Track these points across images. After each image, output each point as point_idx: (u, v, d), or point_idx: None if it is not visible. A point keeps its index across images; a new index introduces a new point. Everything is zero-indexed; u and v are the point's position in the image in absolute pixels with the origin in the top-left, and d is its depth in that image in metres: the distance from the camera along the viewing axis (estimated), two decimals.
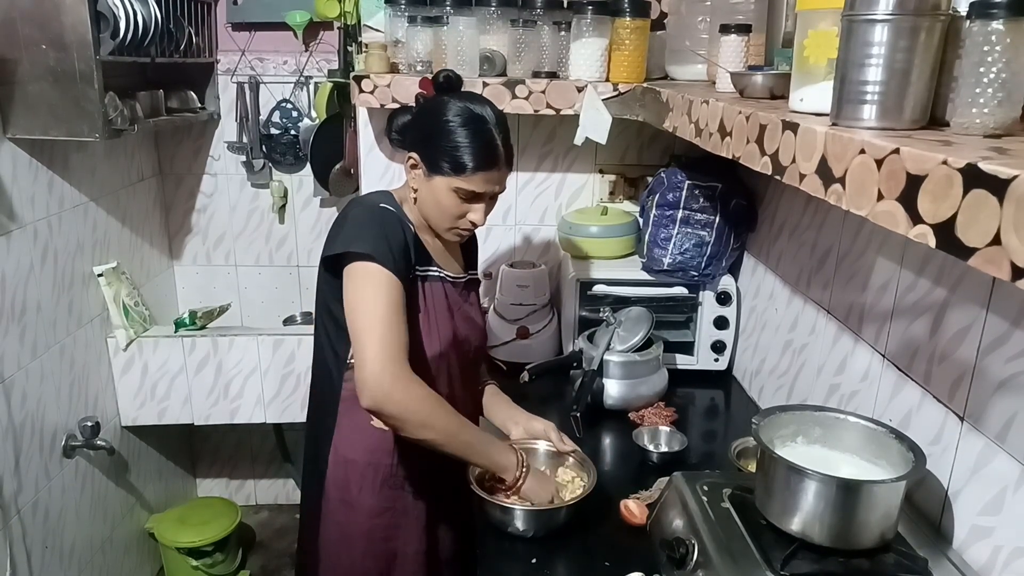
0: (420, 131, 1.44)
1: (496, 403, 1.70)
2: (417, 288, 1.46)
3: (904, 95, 0.87)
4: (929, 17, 0.85)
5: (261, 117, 2.91)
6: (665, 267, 2.04)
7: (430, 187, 1.42)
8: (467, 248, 1.66)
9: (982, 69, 0.78)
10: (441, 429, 1.35)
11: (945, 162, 0.67)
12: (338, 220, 1.45)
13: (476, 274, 1.68)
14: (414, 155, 1.43)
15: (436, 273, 1.50)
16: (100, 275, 2.45)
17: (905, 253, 1.33)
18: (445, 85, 1.46)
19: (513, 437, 1.60)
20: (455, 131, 1.37)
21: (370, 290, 1.33)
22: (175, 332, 2.59)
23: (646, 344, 1.92)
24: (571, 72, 1.94)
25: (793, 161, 0.98)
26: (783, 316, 1.85)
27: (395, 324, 1.33)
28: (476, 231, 1.58)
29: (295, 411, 2.67)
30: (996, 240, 0.60)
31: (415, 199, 1.46)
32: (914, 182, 0.71)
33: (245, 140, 2.91)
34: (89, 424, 2.33)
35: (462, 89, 1.49)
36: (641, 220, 2.18)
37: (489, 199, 1.44)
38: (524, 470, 1.43)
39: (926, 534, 1.20)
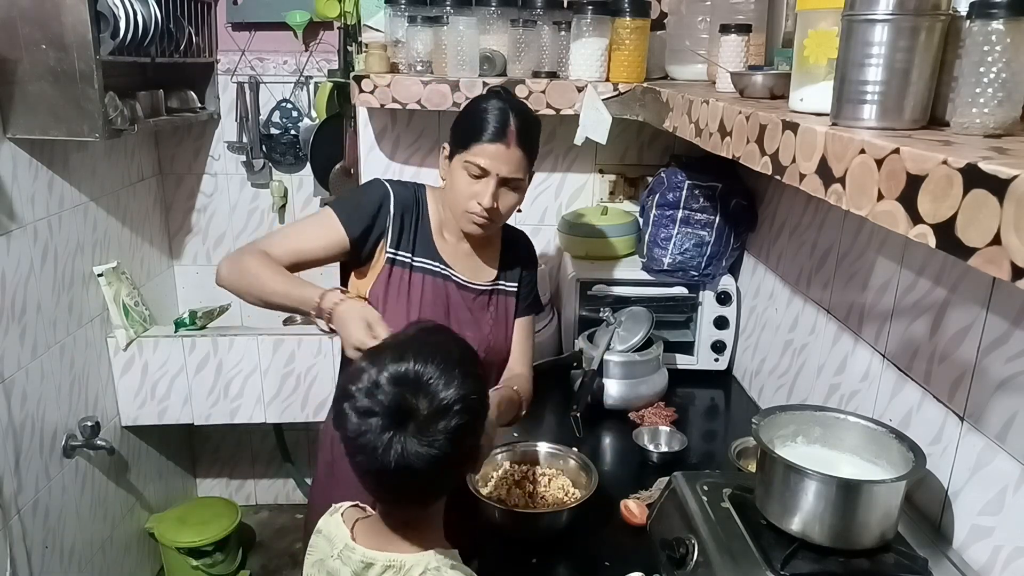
0: (454, 121, 1.51)
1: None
2: (404, 274, 1.50)
3: (904, 95, 0.87)
4: (929, 17, 0.85)
5: (261, 117, 2.91)
6: (665, 267, 2.04)
7: (450, 170, 1.48)
8: (512, 258, 1.63)
9: (982, 69, 0.78)
10: (251, 285, 1.42)
11: (945, 162, 0.67)
12: None
13: (511, 285, 1.62)
14: (445, 144, 1.50)
15: (435, 268, 1.52)
16: (100, 275, 2.45)
17: (905, 253, 1.33)
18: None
19: None
20: (474, 109, 1.46)
21: (309, 218, 1.53)
22: (175, 332, 2.59)
23: (646, 344, 1.92)
24: (571, 72, 1.94)
25: (793, 161, 0.98)
26: (783, 316, 1.85)
27: (293, 236, 1.49)
28: (533, 247, 1.67)
29: (295, 411, 2.67)
30: (996, 240, 0.60)
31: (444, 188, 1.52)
32: (914, 182, 0.71)
33: (245, 140, 2.91)
34: (89, 424, 2.33)
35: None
36: (641, 220, 2.18)
37: (501, 183, 1.44)
38: (334, 303, 1.36)
39: (926, 534, 1.20)
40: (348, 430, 0.95)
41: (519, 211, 1.58)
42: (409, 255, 1.51)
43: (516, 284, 1.63)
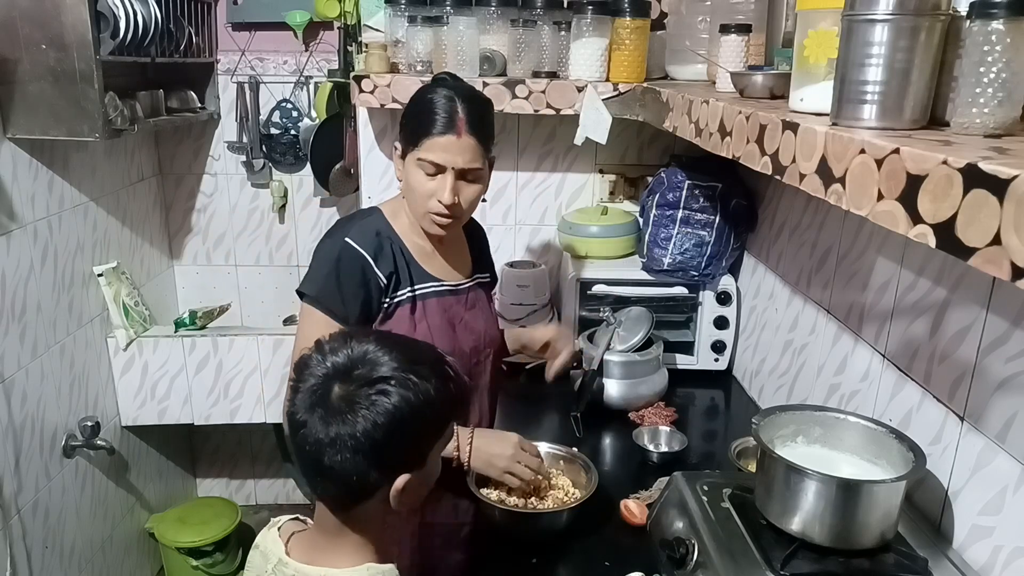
0: (401, 116, 1.46)
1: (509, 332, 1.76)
2: (407, 310, 1.46)
3: (904, 95, 0.87)
4: (929, 17, 0.85)
5: (261, 117, 2.91)
6: (665, 267, 2.04)
7: (405, 169, 1.43)
8: (477, 249, 1.64)
9: (982, 69, 0.78)
10: None
11: (945, 162, 0.67)
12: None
13: (485, 276, 1.65)
14: (397, 142, 1.44)
15: (433, 288, 1.49)
16: (100, 275, 2.45)
17: (905, 253, 1.33)
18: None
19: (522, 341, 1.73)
20: (419, 100, 1.40)
21: (304, 327, 1.40)
22: (175, 332, 2.59)
23: (646, 344, 1.92)
24: (571, 72, 1.94)
25: (793, 161, 0.98)
26: (783, 316, 1.85)
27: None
28: (483, 226, 1.62)
29: None
30: (996, 240, 0.60)
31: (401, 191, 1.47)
32: (914, 182, 0.71)
33: (245, 140, 2.91)
34: (89, 424, 2.33)
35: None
36: (641, 220, 2.18)
37: (459, 176, 1.38)
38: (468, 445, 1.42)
39: (926, 534, 1.20)
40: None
41: (484, 200, 1.51)
42: (411, 291, 1.47)
43: (487, 273, 1.67)
